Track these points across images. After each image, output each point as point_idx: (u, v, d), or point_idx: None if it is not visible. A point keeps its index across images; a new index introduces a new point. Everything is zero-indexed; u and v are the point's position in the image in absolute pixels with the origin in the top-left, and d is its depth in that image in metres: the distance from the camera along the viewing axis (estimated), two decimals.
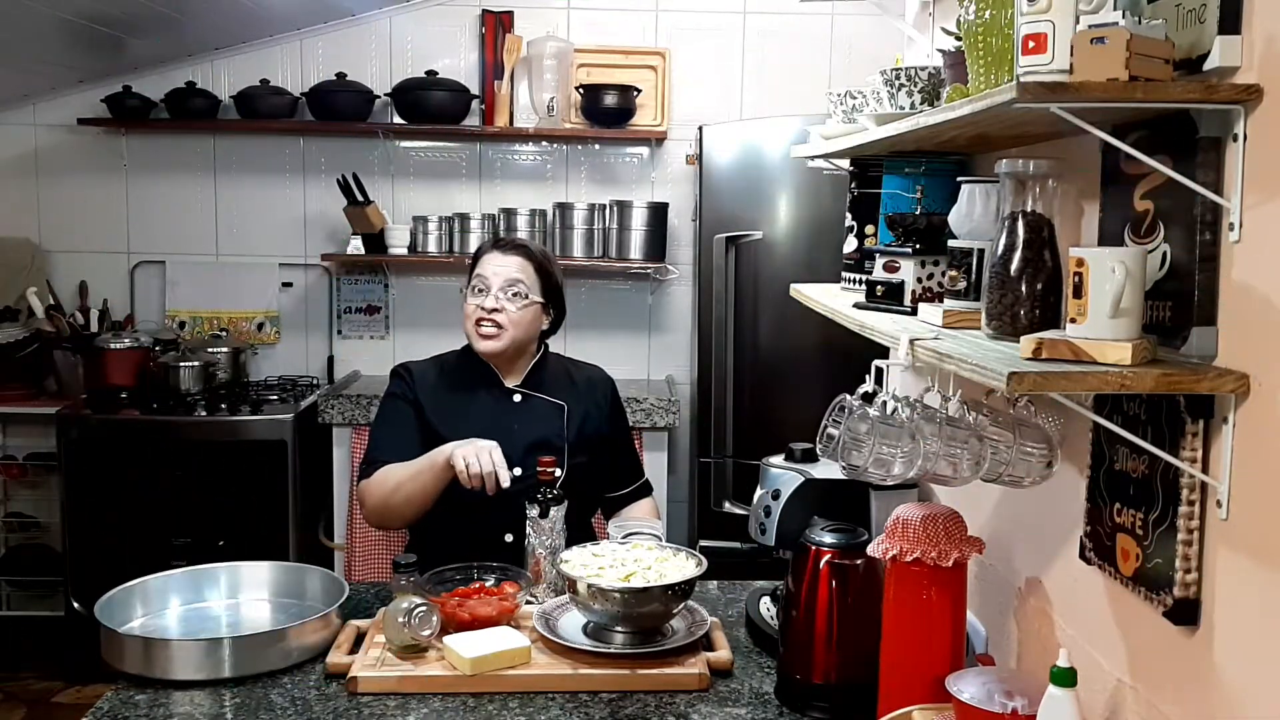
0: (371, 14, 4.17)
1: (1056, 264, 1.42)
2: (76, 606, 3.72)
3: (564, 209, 4.10)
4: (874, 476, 1.50)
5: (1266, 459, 1.15)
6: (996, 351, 1.33)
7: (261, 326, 4.31)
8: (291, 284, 4.30)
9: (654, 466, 3.54)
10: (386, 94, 4.09)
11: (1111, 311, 1.22)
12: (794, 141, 2.80)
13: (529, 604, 2.01)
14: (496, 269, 2.38)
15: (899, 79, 1.82)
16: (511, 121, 4.10)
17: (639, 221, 4.02)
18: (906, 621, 1.58)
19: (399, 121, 4.10)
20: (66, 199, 4.24)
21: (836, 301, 1.95)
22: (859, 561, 1.68)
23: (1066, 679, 1.31)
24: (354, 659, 1.81)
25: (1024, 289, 1.41)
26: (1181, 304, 1.27)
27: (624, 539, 2.09)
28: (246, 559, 2.16)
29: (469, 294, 2.40)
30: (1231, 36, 1.19)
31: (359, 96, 4.05)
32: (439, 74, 4.07)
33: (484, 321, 2.35)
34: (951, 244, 1.67)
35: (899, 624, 1.59)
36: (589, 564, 1.93)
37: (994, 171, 1.50)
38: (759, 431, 3.58)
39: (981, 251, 1.58)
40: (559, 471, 2.13)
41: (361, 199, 4.01)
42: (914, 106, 1.80)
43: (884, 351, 1.69)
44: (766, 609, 2.01)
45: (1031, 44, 1.23)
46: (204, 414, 3.76)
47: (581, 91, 4.05)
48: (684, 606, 1.92)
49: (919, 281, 1.77)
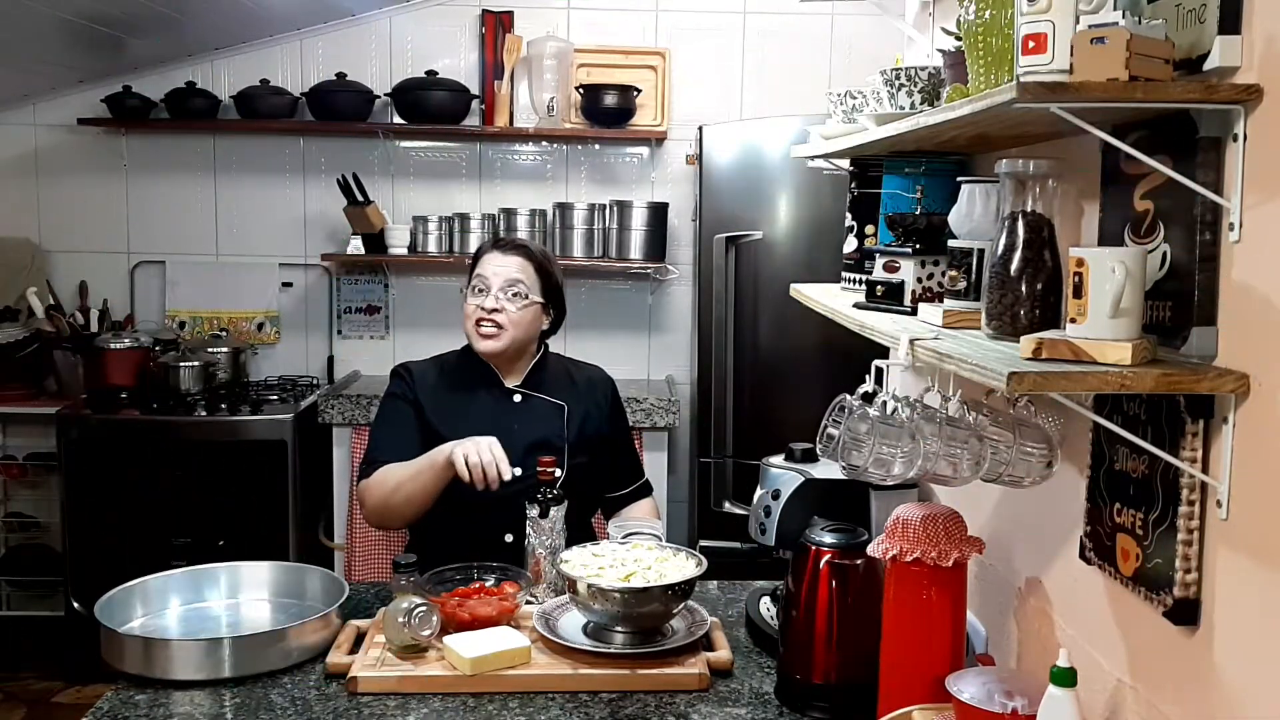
0: (371, 14, 4.17)
1: (1056, 264, 1.42)
2: (76, 606, 3.72)
3: (564, 209, 4.10)
4: (874, 476, 1.50)
5: (1266, 459, 1.15)
6: (996, 351, 1.33)
7: (261, 326, 4.31)
8: (291, 284, 4.30)
9: (654, 466, 3.54)
10: (386, 94, 4.09)
11: (1111, 311, 1.22)
12: (794, 141, 2.80)
13: (529, 604, 2.01)
14: (496, 269, 2.38)
15: (899, 79, 1.82)
16: (511, 121, 4.10)
17: (639, 221, 4.02)
18: (906, 621, 1.58)
19: (399, 121, 4.09)
20: (66, 199, 4.24)
21: (836, 301, 1.95)
22: (859, 561, 1.68)
23: (1066, 679, 1.31)
24: (354, 659, 1.81)
25: (1024, 289, 1.41)
26: (1181, 304, 1.27)
27: (624, 539, 2.09)
28: (246, 559, 2.16)
29: (469, 294, 2.40)
30: (1231, 36, 1.19)
31: (359, 96, 4.05)
32: (439, 74, 4.07)
33: (484, 321, 2.36)
34: (951, 244, 1.67)
35: (899, 624, 1.59)
36: (589, 564, 1.93)
37: (994, 171, 1.50)
38: (759, 431, 3.58)
39: (981, 251, 1.58)
40: (559, 471, 2.13)
41: (361, 199, 4.01)
42: (914, 106, 1.80)
43: (884, 351, 1.69)
44: (766, 609, 2.01)
45: (1031, 44, 1.23)
46: (204, 414, 3.76)
47: (581, 91, 4.05)
48: (684, 606, 1.92)
49: (919, 281, 1.77)
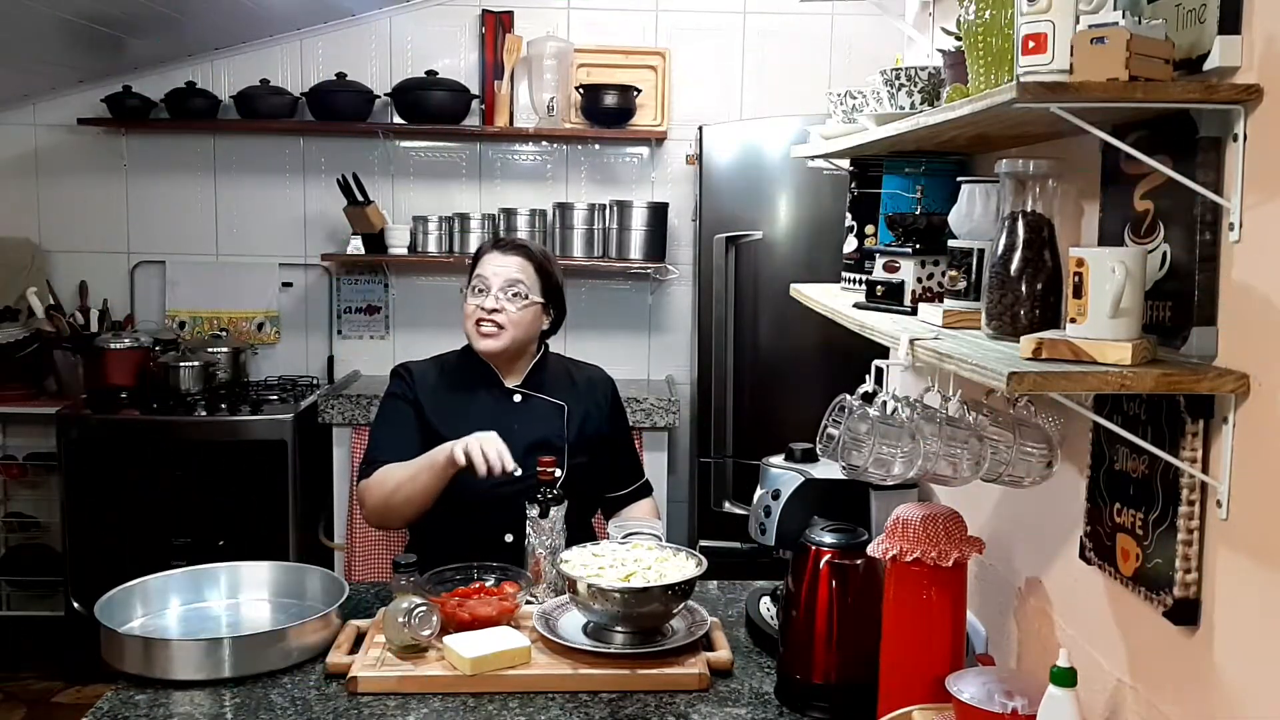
0: (371, 14, 4.17)
1: (1056, 264, 1.42)
2: (76, 606, 3.72)
3: (564, 209, 4.10)
4: (874, 476, 1.50)
5: (1266, 459, 1.15)
6: (996, 351, 1.33)
7: (261, 326, 4.31)
8: (291, 284, 4.30)
9: (654, 466, 3.54)
10: (386, 94, 4.09)
11: (1111, 311, 1.22)
12: (794, 141, 2.80)
13: (529, 604, 2.01)
14: (496, 269, 2.38)
15: (899, 79, 1.82)
16: (511, 121, 4.10)
17: (639, 221, 4.02)
18: (906, 621, 1.58)
19: (399, 121, 4.09)
20: (66, 199, 4.24)
21: (836, 301, 1.95)
22: (859, 561, 1.68)
23: (1066, 679, 1.31)
24: (354, 659, 1.81)
25: (1024, 289, 1.41)
26: (1181, 304, 1.27)
27: (624, 539, 2.09)
28: (246, 559, 2.16)
29: (469, 294, 2.40)
30: (1231, 36, 1.19)
31: (359, 96, 4.05)
32: (439, 74, 4.07)
33: (484, 321, 2.36)
34: (951, 244, 1.67)
35: (899, 624, 1.59)
36: (589, 564, 1.93)
37: (994, 171, 1.50)
38: (759, 431, 3.58)
39: (981, 251, 1.58)
40: (559, 471, 2.13)
41: (361, 199, 4.01)
42: (914, 106, 1.80)
43: (884, 351, 1.69)
44: (766, 609, 2.01)
45: (1031, 44, 1.23)
46: (204, 414, 3.76)
47: (581, 91, 4.05)
48: (684, 606, 1.92)
49: (919, 281, 1.77)
